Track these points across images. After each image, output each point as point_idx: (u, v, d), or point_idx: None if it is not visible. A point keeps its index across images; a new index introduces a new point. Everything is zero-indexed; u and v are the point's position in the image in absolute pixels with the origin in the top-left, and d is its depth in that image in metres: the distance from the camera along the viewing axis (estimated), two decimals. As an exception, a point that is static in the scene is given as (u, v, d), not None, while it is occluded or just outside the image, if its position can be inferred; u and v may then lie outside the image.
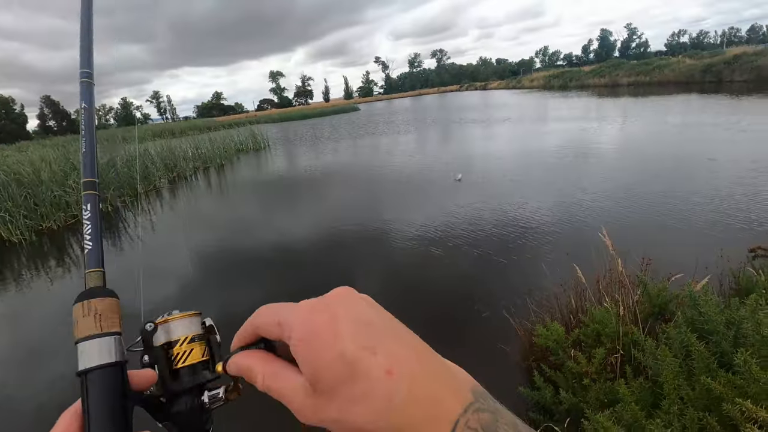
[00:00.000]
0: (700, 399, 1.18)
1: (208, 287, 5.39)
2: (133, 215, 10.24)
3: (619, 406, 1.33)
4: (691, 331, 1.60)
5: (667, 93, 25.42)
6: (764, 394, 0.98)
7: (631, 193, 6.85)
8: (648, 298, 1.95)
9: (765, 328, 1.11)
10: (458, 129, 20.25)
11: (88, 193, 0.61)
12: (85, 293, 0.49)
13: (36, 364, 4.07)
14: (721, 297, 2.86)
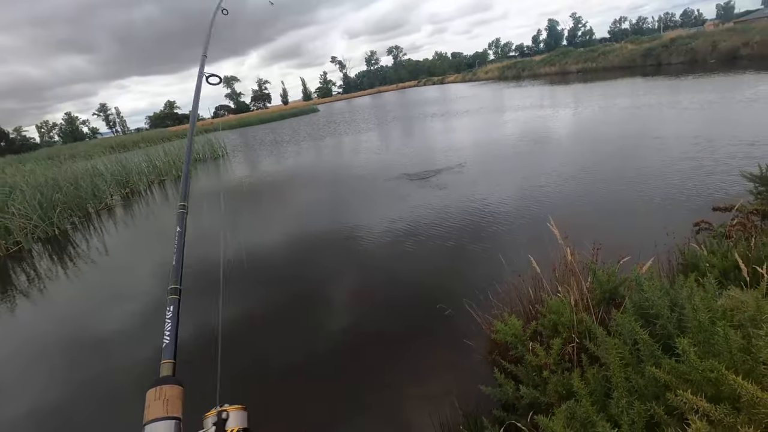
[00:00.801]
0: (649, 387, 1.19)
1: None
2: (84, 237, 9.63)
3: (573, 402, 1.32)
4: (639, 316, 1.62)
5: (612, 78, 26.60)
6: (705, 382, 0.99)
7: (584, 177, 7.09)
8: (598, 284, 1.98)
9: (701, 314, 1.12)
10: (419, 124, 20.39)
11: (172, 297, 0.80)
12: (158, 380, 0.59)
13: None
14: (668, 275, 2.97)
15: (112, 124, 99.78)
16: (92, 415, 3.44)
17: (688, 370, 1.03)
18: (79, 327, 5.05)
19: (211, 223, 8.90)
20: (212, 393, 0.87)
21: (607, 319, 2.00)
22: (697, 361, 0.99)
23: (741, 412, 0.88)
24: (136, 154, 20.43)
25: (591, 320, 1.78)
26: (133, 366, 4.00)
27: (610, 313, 1.96)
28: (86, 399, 3.67)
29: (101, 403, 3.58)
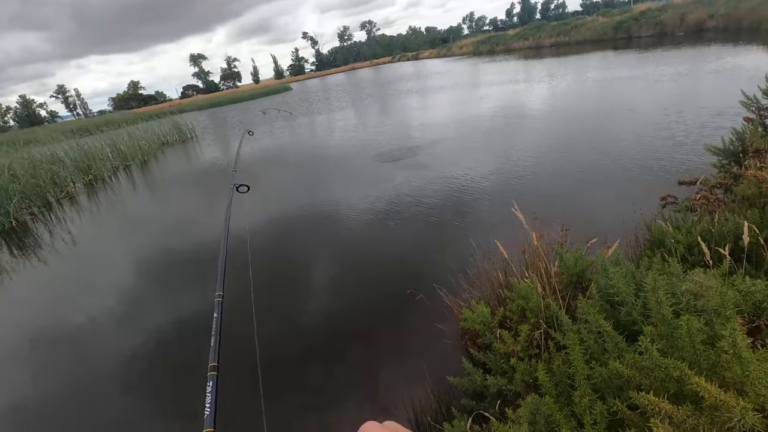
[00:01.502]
0: (613, 380, 1.15)
1: (148, 299, 4.94)
2: (46, 229, 9.15)
3: (537, 398, 1.28)
4: (605, 302, 1.59)
5: (585, 51, 26.71)
6: (668, 379, 0.95)
7: (558, 154, 7.11)
8: (565, 268, 1.95)
9: (665, 308, 1.08)
10: (394, 101, 20.07)
11: (212, 374, 0.92)
12: None
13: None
14: (635, 252, 2.99)
15: (72, 106, 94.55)
16: (46, 411, 3.30)
17: (650, 366, 0.99)
18: (40, 322, 4.81)
19: (182, 209, 8.59)
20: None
21: (573, 305, 1.98)
22: (660, 359, 0.95)
23: (703, 413, 0.85)
24: (99, 139, 19.44)
25: (557, 306, 1.75)
26: (98, 359, 3.84)
27: (577, 297, 1.93)
28: (52, 393, 3.51)
29: (63, 397, 3.44)
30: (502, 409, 1.83)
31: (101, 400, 3.41)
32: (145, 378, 3.57)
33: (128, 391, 3.43)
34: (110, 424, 3.13)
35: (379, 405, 2.86)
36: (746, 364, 0.83)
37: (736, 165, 4.00)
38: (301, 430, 2.75)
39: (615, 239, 2.64)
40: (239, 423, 2.58)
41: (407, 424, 2.63)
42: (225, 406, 1.06)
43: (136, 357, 3.81)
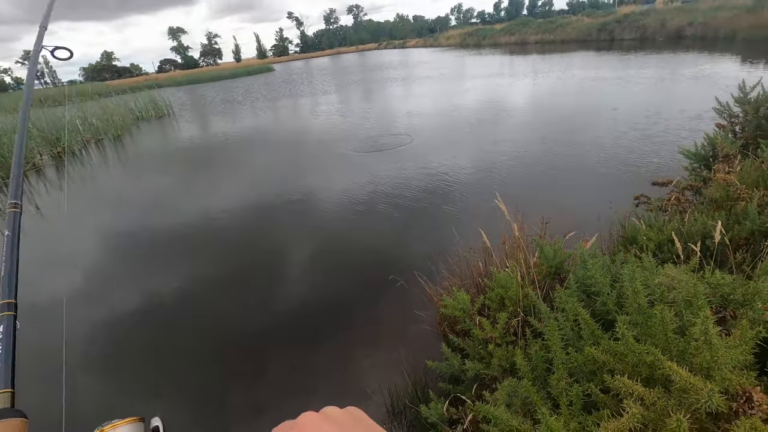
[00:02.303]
0: (587, 365, 1.21)
1: (121, 277, 4.80)
2: (3, 200, 8.73)
3: (515, 381, 1.33)
4: (581, 292, 1.65)
5: (568, 50, 27.11)
6: (640, 364, 1.01)
7: (540, 149, 7.25)
8: (545, 259, 2.01)
9: (641, 298, 1.14)
10: (380, 88, 19.92)
11: (6, 314, 0.64)
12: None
13: None
14: (609, 247, 3.10)
15: (40, 74, 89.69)
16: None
17: (625, 351, 1.04)
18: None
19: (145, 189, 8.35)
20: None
21: (551, 294, 2.05)
22: (635, 345, 1.01)
23: (672, 396, 0.90)
24: (67, 110, 18.57)
25: (536, 296, 1.81)
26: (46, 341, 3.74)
27: (555, 288, 2.00)
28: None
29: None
30: (478, 393, 1.89)
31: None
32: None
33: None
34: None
35: (355, 388, 2.90)
36: (715, 350, 0.88)
37: (706, 169, 4.17)
38: (274, 413, 2.77)
39: (591, 234, 2.73)
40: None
41: (382, 407, 2.69)
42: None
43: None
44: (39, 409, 0.98)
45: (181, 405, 2.95)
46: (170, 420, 0.62)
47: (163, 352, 3.46)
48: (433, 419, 1.85)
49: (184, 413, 2.87)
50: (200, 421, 2.82)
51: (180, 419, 2.77)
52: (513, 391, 1.30)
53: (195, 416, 2.86)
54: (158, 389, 3.07)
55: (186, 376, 3.20)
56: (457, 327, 2.12)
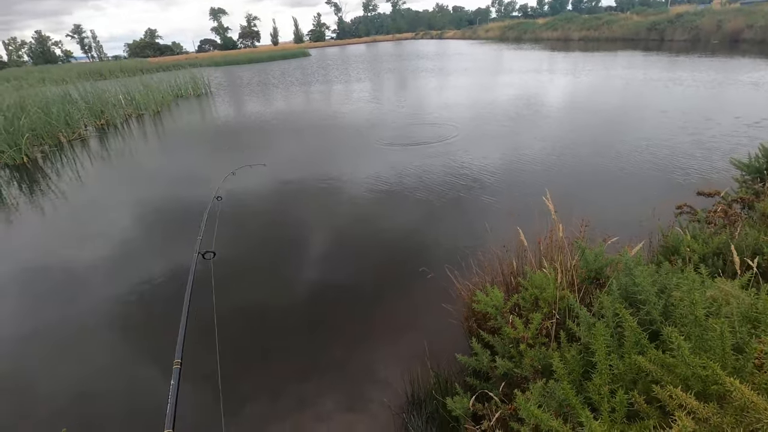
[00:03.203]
0: (628, 373, 1.18)
1: (139, 246, 5.00)
2: (55, 168, 9.18)
3: (553, 382, 1.31)
4: (623, 299, 1.60)
5: (614, 49, 26.03)
6: (693, 378, 0.97)
7: (580, 149, 7.02)
8: (585, 263, 1.96)
9: (699, 309, 1.09)
10: (415, 78, 19.74)
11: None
12: None
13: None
14: (648, 256, 2.99)
15: (87, 48, 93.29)
16: (42, 347, 3.39)
17: (676, 363, 1.01)
18: (44, 259, 4.89)
19: (187, 167, 8.59)
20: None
21: (587, 298, 2.00)
22: (690, 357, 0.97)
23: (727, 413, 0.87)
24: (113, 84, 19.28)
25: (574, 299, 1.77)
26: (95, 303, 3.93)
27: (593, 293, 1.95)
28: (46, 331, 3.61)
29: (55, 336, 3.53)
30: (505, 391, 1.87)
31: (80, 331, 3.51)
32: (124, 318, 3.66)
33: (105, 328, 3.53)
34: (83, 354, 3.23)
35: (375, 374, 2.94)
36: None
37: (759, 182, 3.95)
38: (296, 395, 2.83)
39: (631, 240, 2.64)
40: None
41: (402, 396, 2.71)
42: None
43: (119, 298, 3.91)
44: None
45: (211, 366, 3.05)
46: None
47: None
48: (457, 412, 1.85)
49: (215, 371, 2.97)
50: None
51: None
52: (549, 393, 1.29)
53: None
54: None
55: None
56: (487, 324, 2.11)
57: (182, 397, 1.24)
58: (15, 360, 3.34)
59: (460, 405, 1.85)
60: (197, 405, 2.66)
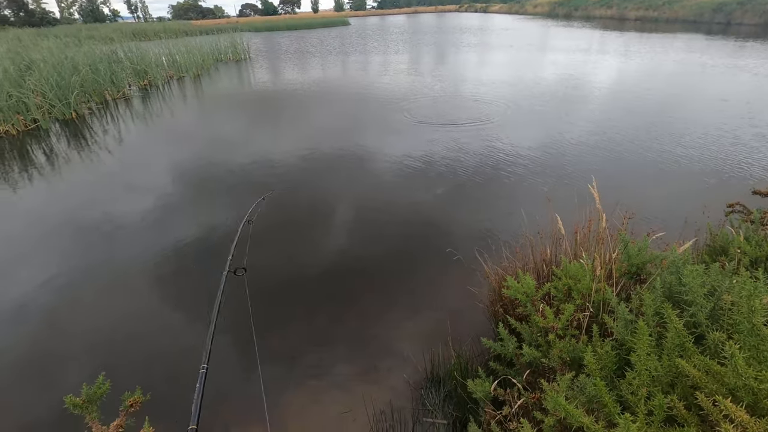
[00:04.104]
0: (667, 375, 1.12)
1: (189, 205, 5.17)
2: (101, 125, 9.55)
3: (582, 377, 1.27)
4: (666, 298, 1.52)
5: (673, 31, 24.20)
6: (744, 390, 0.91)
7: (629, 137, 6.65)
8: (627, 257, 1.86)
9: (757, 317, 1.01)
10: (457, 53, 19.10)
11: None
12: None
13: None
14: (694, 255, 2.83)
15: (133, 8, 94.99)
16: (95, 294, 3.60)
17: (724, 372, 0.94)
18: (88, 211, 5.13)
19: (218, 134, 8.72)
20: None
21: (624, 294, 1.92)
22: (744, 368, 0.90)
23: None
24: (156, 45, 19.63)
25: (611, 292, 1.69)
26: (135, 253, 4.11)
27: (631, 288, 1.86)
28: (85, 278, 3.82)
29: (99, 282, 3.73)
30: (529, 379, 1.84)
31: (117, 285, 3.68)
32: (158, 275, 3.81)
33: (141, 282, 3.69)
34: (118, 306, 3.40)
35: (396, 348, 2.96)
36: None
37: (827, 183, 3.63)
38: (315, 362, 2.90)
39: (676, 236, 2.50)
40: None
41: (421, 372, 2.73)
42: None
43: (153, 254, 4.07)
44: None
45: (238, 329, 3.17)
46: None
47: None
48: (477, 395, 1.84)
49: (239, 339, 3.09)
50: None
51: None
52: (579, 387, 1.25)
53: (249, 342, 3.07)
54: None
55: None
56: (516, 311, 2.06)
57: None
58: (63, 297, 3.57)
59: (481, 388, 1.83)
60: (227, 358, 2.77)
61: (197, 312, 3.30)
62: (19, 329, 3.27)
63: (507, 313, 2.37)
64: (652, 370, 1.14)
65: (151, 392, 1.61)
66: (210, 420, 2.44)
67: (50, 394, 2.67)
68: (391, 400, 2.55)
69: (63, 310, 3.46)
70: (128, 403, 1.72)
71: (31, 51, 14.22)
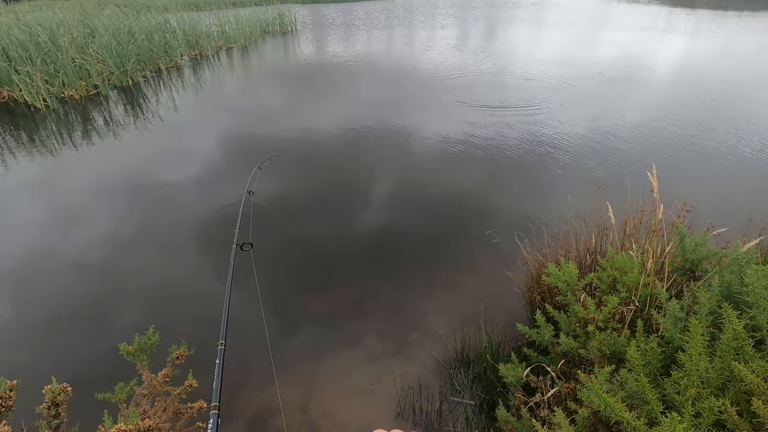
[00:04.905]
0: (718, 378, 1.06)
1: (238, 170, 5.36)
2: (154, 92, 9.95)
3: (624, 372, 1.22)
4: (723, 297, 1.42)
5: (753, 8, 21.85)
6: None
7: (694, 124, 6.16)
8: (682, 251, 1.75)
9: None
10: (508, 29, 18.24)
11: (213, 412, 1.08)
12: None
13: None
14: (760, 255, 2.62)
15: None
16: (147, 249, 3.83)
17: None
18: (144, 174, 5.41)
19: (262, 105, 8.85)
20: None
21: (676, 289, 1.81)
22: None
23: None
24: (207, 16, 20.01)
25: (660, 287, 1.60)
26: (187, 216, 4.32)
27: (684, 285, 1.76)
28: (142, 236, 4.06)
29: (157, 240, 3.97)
30: (563, 369, 1.81)
31: (162, 236, 3.88)
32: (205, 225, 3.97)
33: (182, 237, 3.87)
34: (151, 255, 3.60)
35: (427, 326, 2.98)
36: None
37: None
38: (348, 331, 2.97)
39: (737, 234, 2.31)
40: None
41: (450, 352, 2.74)
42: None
43: (195, 216, 4.25)
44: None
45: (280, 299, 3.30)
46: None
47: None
48: (509, 380, 1.83)
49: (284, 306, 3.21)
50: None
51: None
52: (618, 382, 1.20)
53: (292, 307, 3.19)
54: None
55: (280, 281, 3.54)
56: (554, 299, 2.01)
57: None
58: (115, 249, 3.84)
59: (512, 373, 1.82)
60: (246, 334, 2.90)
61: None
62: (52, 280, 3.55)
63: (544, 300, 2.31)
64: (703, 371, 1.08)
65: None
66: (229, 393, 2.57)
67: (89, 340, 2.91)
68: (419, 376, 2.59)
69: (116, 262, 3.72)
70: (174, 356, 1.84)
71: (94, 19, 14.89)
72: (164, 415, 1.63)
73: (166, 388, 1.69)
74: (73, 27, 12.03)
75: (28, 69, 8.86)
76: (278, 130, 6.84)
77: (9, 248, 3.98)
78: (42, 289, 3.44)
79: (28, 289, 3.47)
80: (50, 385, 1.26)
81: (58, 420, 1.22)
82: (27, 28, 10.83)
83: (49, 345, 2.96)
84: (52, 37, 10.40)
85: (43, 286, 3.48)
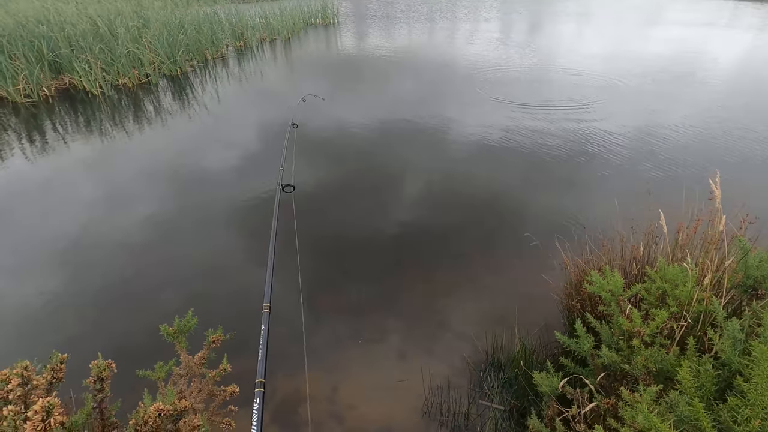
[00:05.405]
0: (784, 410, 0.96)
1: (259, 157, 5.47)
2: (201, 82, 10.30)
3: (674, 393, 1.14)
4: (791, 320, 1.30)
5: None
6: None
7: (759, 128, 5.70)
8: (743, 267, 1.61)
9: None
10: (555, 23, 17.57)
11: (259, 390, 1.08)
12: None
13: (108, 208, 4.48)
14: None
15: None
16: (189, 233, 3.97)
17: None
18: (190, 160, 5.62)
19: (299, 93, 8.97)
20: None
21: (731, 307, 1.68)
22: None
23: None
24: (252, 8, 20.46)
25: (717, 304, 1.49)
26: (230, 202, 4.45)
27: (745, 303, 1.62)
28: (187, 220, 4.21)
29: (199, 225, 4.10)
30: (602, 382, 1.72)
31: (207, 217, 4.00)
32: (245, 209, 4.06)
33: (223, 221, 3.97)
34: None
35: (459, 327, 2.93)
36: None
37: None
38: (376, 328, 2.96)
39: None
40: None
41: (482, 354, 2.69)
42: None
43: (238, 200, 4.35)
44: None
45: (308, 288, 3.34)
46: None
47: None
48: (543, 389, 1.76)
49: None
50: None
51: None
52: (668, 404, 1.12)
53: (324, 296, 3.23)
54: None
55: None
56: (596, 308, 1.91)
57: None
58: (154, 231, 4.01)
59: (547, 382, 1.75)
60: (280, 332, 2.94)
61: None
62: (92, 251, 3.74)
63: (584, 309, 2.21)
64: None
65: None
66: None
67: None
68: (448, 376, 2.55)
69: (158, 240, 3.89)
70: (211, 339, 1.89)
71: (147, 10, 15.58)
72: (199, 396, 1.68)
73: (202, 370, 1.74)
74: (128, 17, 12.63)
75: (88, 57, 9.38)
76: (318, 121, 6.91)
77: (64, 222, 4.23)
78: (93, 264, 3.64)
79: (81, 262, 3.68)
80: (96, 360, 1.33)
81: (102, 394, 1.28)
82: (89, 18, 11.45)
83: (97, 318, 3.14)
84: (110, 27, 10.93)
85: (94, 263, 3.68)
